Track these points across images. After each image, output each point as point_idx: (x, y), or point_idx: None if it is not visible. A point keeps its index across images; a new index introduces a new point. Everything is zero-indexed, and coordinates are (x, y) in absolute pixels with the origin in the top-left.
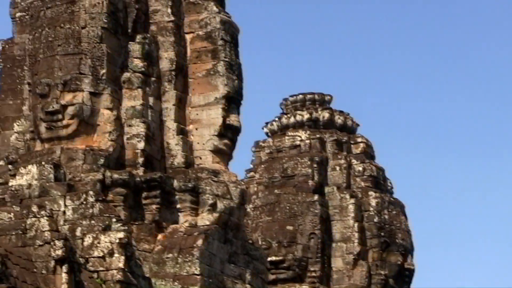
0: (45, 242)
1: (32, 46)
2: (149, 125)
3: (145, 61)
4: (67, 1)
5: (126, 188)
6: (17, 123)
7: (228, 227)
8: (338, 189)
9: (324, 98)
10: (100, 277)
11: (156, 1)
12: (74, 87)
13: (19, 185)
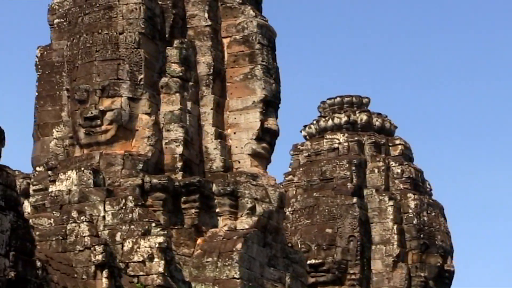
0: (85, 248)
1: (70, 52)
2: (187, 129)
3: (183, 66)
4: (104, 7)
5: (165, 192)
6: (56, 129)
7: (267, 230)
8: (376, 191)
9: (361, 100)
10: (140, 281)
11: (193, 6)
12: (112, 93)
13: (58, 191)
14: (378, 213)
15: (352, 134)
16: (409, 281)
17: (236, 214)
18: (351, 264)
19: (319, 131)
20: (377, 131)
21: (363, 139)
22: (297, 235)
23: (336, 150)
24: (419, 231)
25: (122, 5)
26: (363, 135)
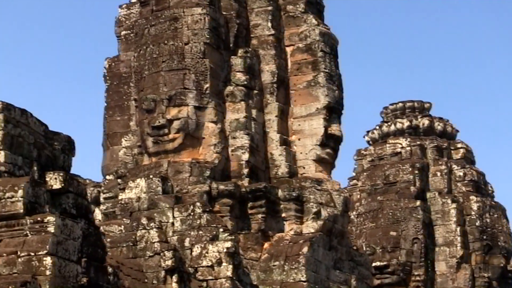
0: (155, 253)
1: (137, 63)
2: (253, 136)
3: (247, 75)
4: (170, 18)
5: (232, 198)
6: (125, 138)
7: (332, 234)
8: (439, 194)
9: (423, 105)
10: (209, 286)
11: (256, 15)
12: (179, 102)
13: (128, 199)
14: (441, 216)
15: (414, 138)
16: (473, 281)
17: (301, 218)
18: (415, 266)
19: (382, 136)
20: (439, 135)
21: (425, 143)
22: (362, 238)
23: (399, 155)
24: (482, 232)
25: (187, 16)
26: (425, 139)
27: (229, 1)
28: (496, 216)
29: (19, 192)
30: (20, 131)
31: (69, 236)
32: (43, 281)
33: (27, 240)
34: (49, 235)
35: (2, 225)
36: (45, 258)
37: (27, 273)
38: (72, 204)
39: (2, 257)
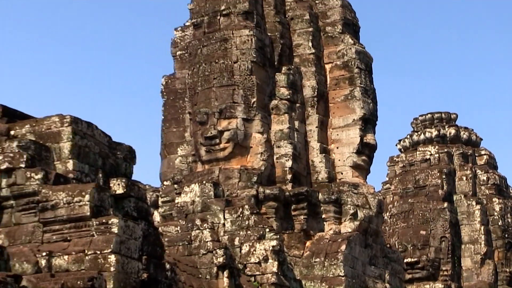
0: (208, 251)
1: (191, 80)
2: (295, 145)
3: (290, 90)
4: (220, 39)
5: (277, 201)
6: (180, 148)
7: (368, 233)
8: (465, 196)
9: (450, 116)
10: (257, 280)
11: (298, 36)
12: (229, 115)
13: (184, 202)
14: (467, 216)
15: (442, 146)
16: (496, 276)
17: (340, 219)
18: (443, 261)
19: (412, 144)
20: (464, 143)
21: (452, 151)
22: (394, 237)
23: (428, 161)
24: (503, 231)
25: (236, 37)
26: (452, 147)
27: (273, 23)
28: None
29: (86, 196)
30: (87, 142)
31: (131, 236)
32: (108, 276)
33: (93, 240)
34: (113, 235)
35: (71, 226)
36: (109, 256)
37: (93, 269)
38: (133, 207)
39: (71, 255)
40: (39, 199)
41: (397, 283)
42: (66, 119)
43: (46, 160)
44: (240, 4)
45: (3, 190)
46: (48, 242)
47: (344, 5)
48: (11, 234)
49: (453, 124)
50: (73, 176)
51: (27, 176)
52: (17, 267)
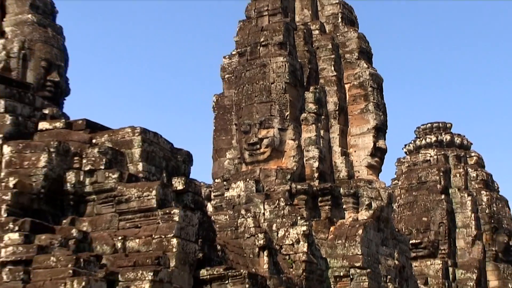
0: (251, 235)
1: (237, 97)
2: (321, 150)
3: (317, 105)
4: (260, 65)
5: (307, 195)
6: (228, 152)
7: (380, 220)
8: (458, 190)
9: (446, 125)
10: (291, 258)
11: (323, 62)
12: (267, 125)
13: (231, 196)
14: (460, 206)
15: (440, 149)
16: (484, 254)
17: (357, 209)
18: (441, 242)
19: (415, 148)
20: (458, 147)
21: (448, 153)
22: (401, 223)
23: (429, 162)
24: (490, 217)
25: (272, 63)
26: (447, 150)
27: (303, 52)
28: (501, 205)
29: (153, 192)
30: (153, 148)
31: (189, 223)
32: (171, 256)
33: (159, 226)
34: (175, 223)
35: (141, 215)
36: (172, 239)
37: (159, 250)
38: (191, 200)
39: (141, 239)
40: (116, 194)
41: (404, 260)
42: (137, 130)
43: (121, 163)
44: (276, 36)
45: (87, 187)
46: (123, 228)
47: (359, 37)
48: (93, 222)
49: (449, 131)
50: (142, 175)
51: (106, 175)
52: (98, 249)
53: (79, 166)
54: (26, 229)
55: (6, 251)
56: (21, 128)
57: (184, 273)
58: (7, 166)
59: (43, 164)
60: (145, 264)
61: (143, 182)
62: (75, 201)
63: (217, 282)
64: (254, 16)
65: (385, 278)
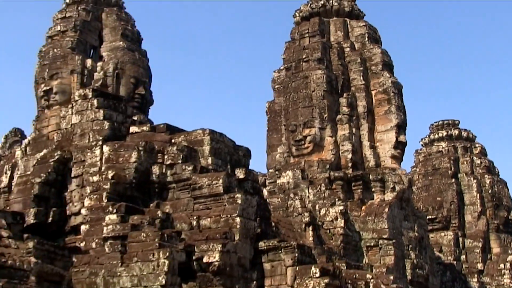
0: (299, 214)
1: (285, 103)
2: (353, 144)
3: (349, 108)
4: (303, 77)
5: (343, 181)
6: (279, 148)
7: (402, 200)
8: (466, 174)
9: (455, 122)
10: (331, 232)
11: (353, 73)
12: (309, 125)
13: (282, 183)
14: (467, 187)
15: (450, 142)
16: (488, 226)
17: (384, 191)
18: (452, 218)
19: (430, 141)
20: (464, 139)
21: (456, 145)
22: (420, 202)
23: (441, 152)
24: (492, 197)
25: (313, 75)
26: (456, 142)
27: (337, 65)
28: (501, 187)
29: (220, 180)
30: (219, 145)
31: (249, 205)
32: (235, 231)
33: (225, 208)
34: (238, 205)
35: (211, 199)
36: (236, 218)
37: (226, 227)
38: (250, 187)
39: (211, 218)
40: (191, 182)
41: (422, 232)
42: (206, 131)
43: (194, 157)
44: (315, 54)
45: (168, 177)
46: (197, 210)
47: (383, 52)
48: (174, 205)
49: (457, 127)
50: (211, 167)
51: (183, 168)
52: (178, 226)
53: (161, 161)
54: (122, 211)
55: (107, 229)
56: (116, 132)
57: (246, 245)
58: (106, 162)
59: (134, 160)
60: (215, 238)
61: (212, 172)
62: (159, 189)
63: (272, 252)
64: (297, 37)
65: (407, 247)
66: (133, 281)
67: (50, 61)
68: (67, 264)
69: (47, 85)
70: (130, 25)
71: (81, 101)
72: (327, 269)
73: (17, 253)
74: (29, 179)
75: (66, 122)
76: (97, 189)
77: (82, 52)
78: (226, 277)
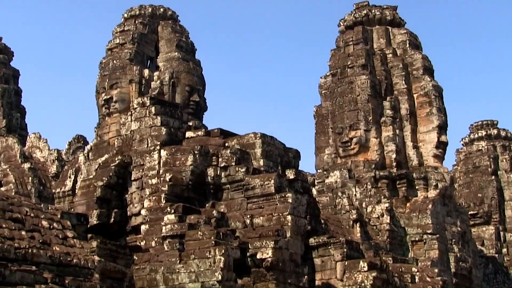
0: (347, 211)
1: (331, 108)
2: (397, 144)
3: (392, 111)
4: (348, 82)
5: (388, 179)
6: (327, 149)
7: (445, 197)
8: (505, 172)
9: (493, 122)
10: (377, 228)
11: (396, 77)
12: (355, 128)
13: (330, 182)
14: (507, 184)
15: (489, 141)
16: None
17: (427, 189)
18: (493, 213)
19: (470, 141)
20: (503, 138)
21: (496, 144)
22: (461, 198)
23: (481, 151)
24: None
25: (358, 80)
26: (495, 141)
27: (380, 70)
28: None
29: (271, 181)
30: (271, 148)
31: (300, 204)
32: (287, 229)
33: (277, 207)
34: (289, 204)
35: (264, 199)
36: (287, 216)
37: (278, 225)
38: (300, 186)
39: (264, 216)
40: (244, 183)
41: (465, 227)
42: (258, 135)
43: (247, 160)
44: (359, 60)
45: (223, 179)
46: (250, 209)
47: (423, 57)
48: (228, 205)
49: (496, 127)
50: (263, 169)
51: (236, 170)
52: (233, 225)
53: (216, 164)
54: (179, 211)
55: (165, 228)
56: (173, 137)
57: (297, 241)
58: (163, 165)
59: (190, 163)
60: (268, 235)
61: (264, 174)
62: (214, 190)
63: (322, 248)
64: (342, 45)
65: (451, 242)
66: (191, 277)
67: (110, 72)
68: (129, 262)
69: (107, 94)
70: (184, 37)
71: (139, 109)
72: (375, 263)
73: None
74: (92, 182)
75: (126, 129)
76: (155, 191)
77: (139, 63)
78: (279, 272)
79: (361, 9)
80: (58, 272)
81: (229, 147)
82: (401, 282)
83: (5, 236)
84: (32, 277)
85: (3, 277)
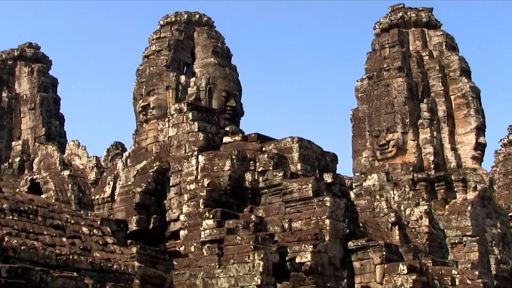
0: (385, 214)
1: (368, 110)
2: (435, 147)
3: (430, 113)
4: (385, 85)
5: (426, 182)
6: (364, 152)
7: (484, 198)
8: None
9: None
10: (416, 231)
11: (432, 79)
12: (392, 130)
13: (368, 185)
14: None
15: None
16: None
17: (466, 191)
18: None
19: (509, 142)
20: None
21: None
22: (501, 200)
23: None
24: None
25: (394, 83)
26: None
27: (417, 73)
28: None
29: (309, 185)
30: (308, 152)
31: (338, 207)
32: (325, 232)
33: (315, 211)
34: (327, 207)
35: (302, 203)
36: (326, 220)
37: (316, 228)
38: (338, 190)
39: (302, 220)
40: (282, 187)
41: (505, 229)
42: (295, 139)
43: (284, 164)
44: (396, 63)
45: (260, 183)
46: (288, 213)
47: (460, 59)
48: (266, 209)
49: None
50: (301, 173)
51: (274, 174)
52: (271, 229)
53: (254, 168)
54: (218, 216)
55: (204, 233)
56: (210, 142)
57: (336, 245)
58: (201, 171)
59: (228, 168)
60: (307, 239)
61: (302, 178)
62: (252, 194)
63: (361, 251)
64: (378, 48)
65: (491, 243)
66: (230, 282)
67: (147, 79)
68: (168, 267)
69: (144, 101)
70: (220, 43)
71: (177, 115)
72: (414, 266)
73: (121, 258)
74: (131, 188)
75: (164, 135)
76: (194, 196)
77: (176, 69)
78: (318, 275)
79: (397, 11)
80: (98, 278)
81: (266, 151)
82: (441, 285)
83: (46, 243)
84: (73, 283)
85: (45, 284)
